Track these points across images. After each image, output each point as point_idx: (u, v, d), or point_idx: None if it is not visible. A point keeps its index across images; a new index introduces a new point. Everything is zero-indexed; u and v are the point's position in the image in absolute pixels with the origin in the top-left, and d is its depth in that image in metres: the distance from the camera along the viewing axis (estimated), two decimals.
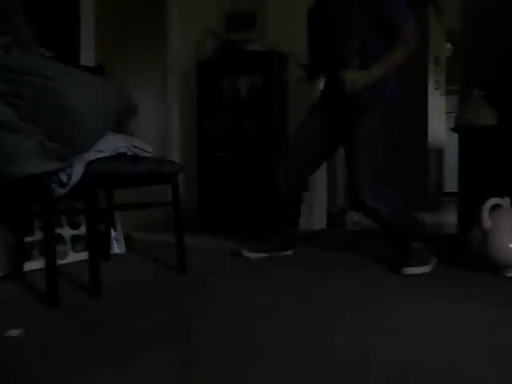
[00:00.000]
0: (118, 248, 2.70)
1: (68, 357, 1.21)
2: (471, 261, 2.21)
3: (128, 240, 2.90)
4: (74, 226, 2.48)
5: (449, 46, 6.95)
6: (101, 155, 1.80)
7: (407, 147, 5.64)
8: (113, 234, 2.66)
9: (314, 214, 3.87)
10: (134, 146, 1.99)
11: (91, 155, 1.76)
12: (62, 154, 1.65)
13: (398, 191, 2.35)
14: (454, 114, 3.27)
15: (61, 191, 1.71)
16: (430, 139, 5.77)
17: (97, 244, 1.86)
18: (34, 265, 2.20)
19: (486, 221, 2.09)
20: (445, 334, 1.37)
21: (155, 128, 4.01)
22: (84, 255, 2.27)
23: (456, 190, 3.27)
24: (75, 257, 2.41)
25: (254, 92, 3.93)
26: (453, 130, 3.21)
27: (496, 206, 2.14)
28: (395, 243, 2.36)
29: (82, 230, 2.46)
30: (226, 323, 1.47)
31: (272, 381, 1.08)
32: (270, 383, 1.07)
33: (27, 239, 2.18)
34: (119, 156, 1.90)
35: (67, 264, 2.32)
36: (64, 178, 1.70)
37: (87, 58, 3.18)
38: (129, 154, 1.96)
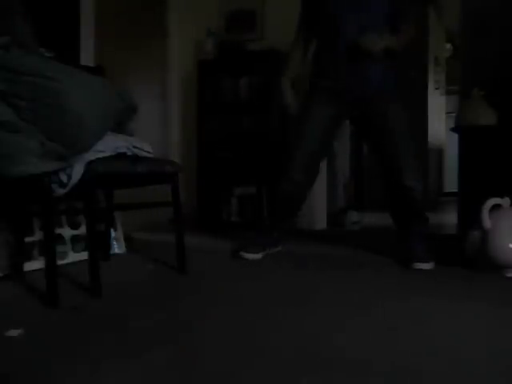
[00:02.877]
0: (118, 248, 2.70)
1: (68, 357, 1.21)
2: (471, 261, 2.21)
3: (128, 240, 2.90)
4: (74, 226, 2.47)
5: (449, 46, 6.95)
6: (101, 155, 1.80)
7: None
8: (113, 234, 2.66)
9: (314, 214, 3.87)
10: (134, 146, 1.99)
11: (91, 155, 1.76)
12: (62, 154, 1.65)
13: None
14: (454, 114, 3.27)
15: (61, 191, 1.71)
16: (430, 139, 5.77)
17: (97, 244, 1.86)
18: (34, 265, 2.20)
19: (486, 221, 2.10)
20: (445, 334, 1.37)
21: (155, 128, 4.01)
22: (84, 255, 2.27)
23: (456, 190, 3.27)
24: (75, 257, 2.40)
25: (254, 92, 3.93)
26: (453, 130, 3.21)
27: (496, 206, 2.14)
28: (409, 229, 2.44)
29: (82, 230, 2.46)
30: (225, 323, 1.47)
31: (272, 381, 1.08)
32: (269, 383, 1.07)
33: (27, 239, 2.18)
34: (119, 156, 1.90)
35: (67, 264, 2.32)
36: (64, 178, 1.70)
37: (87, 58, 3.17)
38: (129, 154, 1.96)
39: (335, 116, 2.47)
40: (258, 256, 2.51)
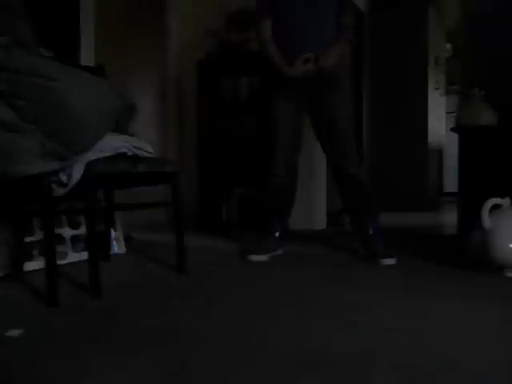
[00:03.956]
0: (117, 248, 2.70)
1: (68, 357, 1.21)
2: (471, 261, 2.21)
3: (128, 240, 2.90)
4: (74, 225, 2.48)
5: (449, 46, 6.95)
6: (101, 155, 1.80)
7: (407, 147, 5.64)
8: (113, 234, 2.66)
9: (314, 214, 3.87)
10: (134, 147, 1.99)
11: (91, 155, 1.76)
12: (61, 154, 1.65)
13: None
14: (454, 114, 3.27)
15: (61, 191, 1.71)
16: (430, 139, 5.77)
17: (97, 244, 1.86)
18: (34, 265, 2.20)
19: (486, 221, 2.10)
20: (445, 334, 1.37)
21: (155, 128, 4.01)
22: (84, 255, 2.27)
23: (456, 190, 3.27)
24: (75, 257, 2.41)
25: (254, 92, 3.93)
26: (453, 129, 3.21)
27: (496, 206, 2.14)
28: (361, 221, 2.56)
29: (82, 230, 2.46)
30: (225, 323, 1.47)
31: (272, 381, 1.08)
32: (270, 383, 1.07)
33: (27, 239, 2.18)
34: (119, 156, 1.90)
35: (67, 264, 2.32)
36: (64, 178, 1.70)
37: (87, 58, 3.18)
38: (129, 154, 1.96)
39: (297, 108, 2.56)
40: (264, 257, 2.52)
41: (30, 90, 1.58)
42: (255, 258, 2.50)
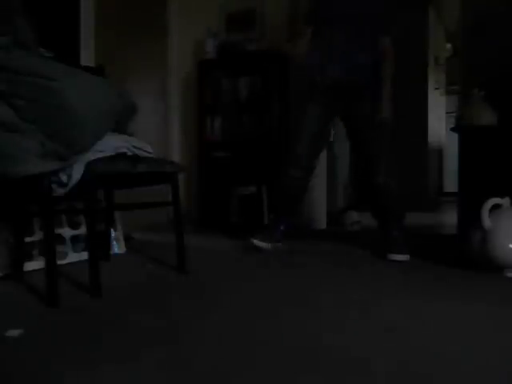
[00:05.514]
0: (117, 248, 2.70)
1: (68, 357, 1.21)
2: (471, 261, 2.21)
3: (128, 240, 2.90)
4: (74, 225, 2.48)
5: (449, 46, 6.95)
6: (101, 155, 1.80)
7: (407, 147, 5.64)
8: (113, 233, 2.66)
9: (314, 214, 3.87)
10: (134, 146, 1.99)
11: (91, 155, 1.76)
12: (61, 154, 1.65)
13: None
14: (454, 114, 3.27)
15: (61, 191, 1.71)
16: (430, 139, 5.78)
17: (97, 244, 1.86)
18: (34, 265, 2.20)
19: (486, 221, 2.10)
20: (445, 334, 1.37)
21: (155, 128, 4.01)
22: (84, 255, 2.27)
23: (456, 190, 3.27)
24: (75, 257, 2.41)
25: (254, 92, 3.93)
26: (453, 129, 3.21)
27: (496, 206, 2.14)
28: (387, 224, 2.59)
29: (82, 230, 2.46)
30: (226, 323, 1.48)
31: (273, 380, 1.08)
32: (270, 382, 1.07)
33: (27, 239, 2.18)
34: (119, 156, 1.90)
35: (67, 264, 2.32)
36: (64, 178, 1.70)
37: (87, 57, 3.18)
38: (129, 154, 1.96)
39: (327, 111, 2.59)
40: (266, 245, 2.58)
41: (30, 89, 1.58)
42: (258, 243, 2.55)
